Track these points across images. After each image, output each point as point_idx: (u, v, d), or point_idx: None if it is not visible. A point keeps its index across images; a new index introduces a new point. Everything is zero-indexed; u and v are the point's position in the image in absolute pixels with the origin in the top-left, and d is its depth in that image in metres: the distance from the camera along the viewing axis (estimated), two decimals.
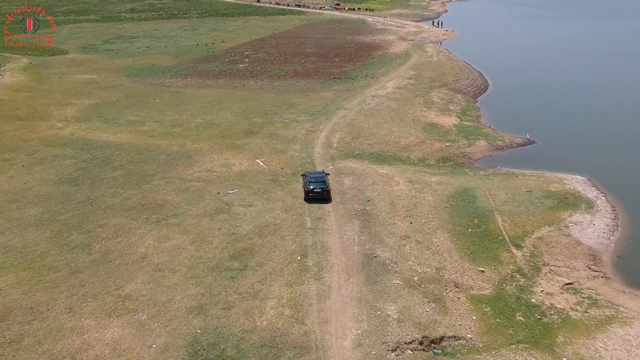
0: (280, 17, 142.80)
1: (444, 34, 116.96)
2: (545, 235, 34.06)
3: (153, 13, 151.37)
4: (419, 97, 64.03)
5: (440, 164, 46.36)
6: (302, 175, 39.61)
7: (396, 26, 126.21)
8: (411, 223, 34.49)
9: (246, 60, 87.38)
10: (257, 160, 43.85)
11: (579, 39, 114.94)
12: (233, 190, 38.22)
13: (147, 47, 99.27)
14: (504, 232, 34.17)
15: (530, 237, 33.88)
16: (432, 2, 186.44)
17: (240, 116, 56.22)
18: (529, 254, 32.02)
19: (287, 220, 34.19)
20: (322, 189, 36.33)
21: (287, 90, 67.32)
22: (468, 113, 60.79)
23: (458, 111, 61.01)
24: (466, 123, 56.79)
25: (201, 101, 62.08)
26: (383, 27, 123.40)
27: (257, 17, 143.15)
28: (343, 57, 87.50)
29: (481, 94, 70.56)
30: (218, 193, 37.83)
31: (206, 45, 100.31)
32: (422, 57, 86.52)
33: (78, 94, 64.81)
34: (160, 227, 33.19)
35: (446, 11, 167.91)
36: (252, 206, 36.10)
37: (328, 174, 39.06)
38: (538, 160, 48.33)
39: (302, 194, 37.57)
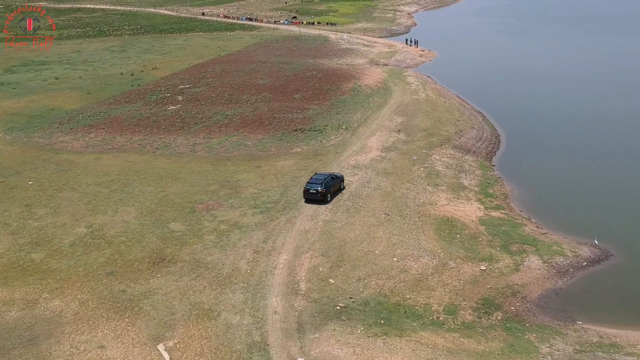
0: (228, 33, 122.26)
1: (421, 55, 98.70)
2: None
3: (78, 30, 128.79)
4: (418, 166, 44.80)
5: (484, 322, 27.05)
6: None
7: (364, 45, 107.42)
8: None
9: (179, 98, 66.96)
10: (159, 348, 23.51)
11: (597, 63, 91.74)
12: None
13: (57, 78, 78.03)
14: None
15: None
16: (397, 13, 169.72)
17: (150, 217, 35.61)
18: None
19: None
20: (316, 190, 36.95)
21: (229, 156, 47.09)
22: (490, 190, 41.93)
23: (476, 189, 42.06)
24: (495, 214, 37.84)
25: (97, 182, 41.26)
26: (349, 47, 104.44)
27: (201, 33, 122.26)
28: (305, 93, 67.88)
29: (495, 152, 51.78)
30: None
31: (132, 75, 79.50)
32: (405, 93, 67.44)
33: None
34: None
35: (415, 24, 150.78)
36: None
37: (337, 177, 39.23)
38: (634, 299, 29.70)
39: None
